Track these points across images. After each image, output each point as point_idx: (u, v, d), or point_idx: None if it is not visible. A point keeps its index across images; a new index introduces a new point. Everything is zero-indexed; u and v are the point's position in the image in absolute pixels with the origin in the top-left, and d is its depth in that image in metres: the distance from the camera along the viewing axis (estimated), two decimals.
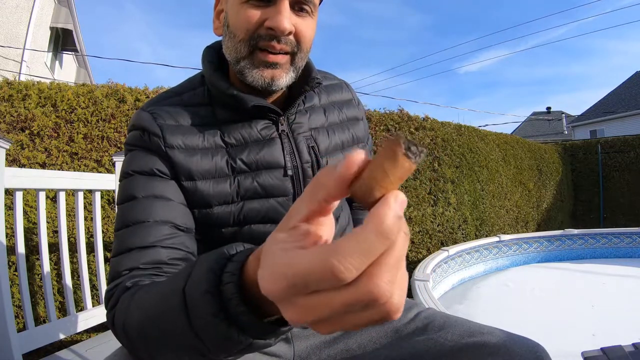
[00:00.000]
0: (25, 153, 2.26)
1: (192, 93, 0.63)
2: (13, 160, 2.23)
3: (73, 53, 12.30)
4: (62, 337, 1.45)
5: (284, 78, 0.58)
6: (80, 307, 1.66)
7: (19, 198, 1.34)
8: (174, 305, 0.35)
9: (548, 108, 25.41)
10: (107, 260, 1.75)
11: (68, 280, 1.52)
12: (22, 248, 1.34)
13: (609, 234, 4.64)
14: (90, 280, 1.76)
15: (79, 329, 1.52)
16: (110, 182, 1.72)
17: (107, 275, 1.64)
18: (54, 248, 1.94)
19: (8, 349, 1.19)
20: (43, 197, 1.44)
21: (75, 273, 1.74)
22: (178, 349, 0.37)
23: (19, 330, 1.29)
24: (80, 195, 1.61)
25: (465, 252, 3.76)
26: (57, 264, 1.96)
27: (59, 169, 2.30)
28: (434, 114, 9.18)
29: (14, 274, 1.86)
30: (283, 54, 0.57)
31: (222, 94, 0.60)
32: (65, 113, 2.40)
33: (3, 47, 7.98)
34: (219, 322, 0.31)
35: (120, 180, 0.59)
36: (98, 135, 2.44)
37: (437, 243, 3.86)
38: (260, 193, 0.60)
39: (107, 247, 1.86)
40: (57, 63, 11.64)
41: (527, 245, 4.44)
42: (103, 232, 1.87)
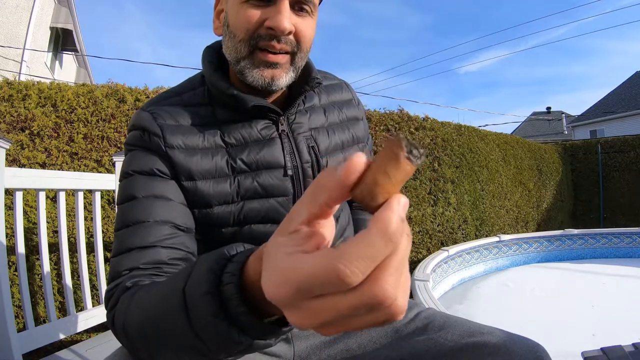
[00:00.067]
0: (25, 153, 2.26)
1: (192, 93, 0.63)
2: (13, 160, 2.23)
3: (73, 53, 12.30)
4: (62, 337, 1.45)
5: (284, 78, 0.58)
6: (80, 307, 1.66)
7: (19, 198, 1.34)
8: (174, 306, 0.35)
9: (548, 108, 25.41)
10: (107, 260, 1.75)
11: (68, 280, 1.52)
12: (22, 248, 1.34)
13: (609, 234, 4.65)
14: (90, 280, 1.76)
15: (79, 329, 1.52)
16: (110, 182, 1.72)
17: (107, 275, 1.64)
18: (54, 248, 1.94)
19: (8, 349, 1.19)
20: (43, 197, 1.44)
21: (75, 273, 1.74)
22: (178, 349, 0.37)
23: (19, 330, 1.29)
24: (80, 195, 1.61)
25: (465, 252, 3.76)
26: (57, 264, 1.96)
27: (59, 169, 2.30)
28: (434, 114, 9.18)
29: (14, 274, 1.86)
30: (283, 54, 0.57)
31: (222, 94, 0.60)
32: (65, 113, 2.40)
33: (3, 47, 7.98)
34: (219, 322, 0.31)
35: (120, 180, 0.59)
36: (98, 135, 2.44)
37: (437, 243, 3.86)
38: (261, 193, 0.60)
39: (107, 247, 1.86)
40: (57, 63, 11.64)
41: (527, 245, 4.44)
42: (103, 232, 1.87)
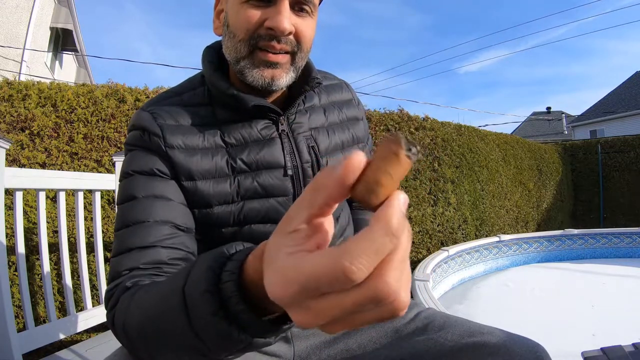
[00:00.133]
0: (25, 153, 2.26)
1: (192, 93, 0.63)
2: (13, 160, 2.23)
3: (73, 53, 12.30)
4: (62, 337, 1.45)
5: (284, 78, 0.58)
6: (80, 307, 1.66)
7: (19, 198, 1.34)
8: (174, 305, 0.35)
9: (548, 108, 25.41)
10: (107, 260, 1.75)
11: (68, 280, 1.52)
12: (22, 248, 1.34)
13: (609, 234, 4.65)
14: (90, 280, 1.76)
15: (79, 329, 1.52)
16: (110, 182, 1.72)
17: (107, 275, 1.64)
18: (54, 248, 1.94)
19: (8, 349, 1.19)
20: (43, 197, 1.44)
21: (75, 273, 1.74)
22: (178, 349, 0.37)
23: (19, 330, 1.29)
24: (80, 195, 1.61)
25: (465, 252, 3.76)
26: (57, 264, 1.96)
27: (59, 169, 2.30)
28: (434, 114, 9.19)
29: (14, 274, 1.86)
30: (283, 54, 0.57)
31: (222, 94, 0.60)
32: (65, 113, 2.40)
33: (3, 47, 7.98)
34: (219, 320, 0.31)
35: (120, 180, 0.59)
36: (98, 135, 2.44)
37: (437, 243, 3.86)
38: (261, 193, 0.60)
39: (107, 247, 1.86)
40: (57, 63, 11.64)
41: (527, 245, 4.45)
42: (103, 232, 1.87)
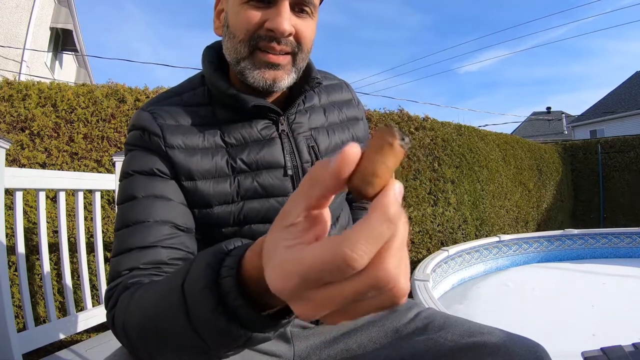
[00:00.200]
0: (25, 153, 2.26)
1: (192, 93, 0.63)
2: (13, 160, 2.23)
3: (73, 53, 12.30)
4: (62, 337, 1.45)
5: (286, 79, 0.58)
6: (80, 307, 1.66)
7: (19, 198, 1.34)
8: (173, 303, 0.35)
9: (548, 108, 25.41)
10: (107, 260, 1.75)
11: (68, 280, 1.53)
12: (22, 248, 1.34)
13: (609, 234, 4.65)
14: (90, 280, 1.76)
15: (79, 329, 1.52)
16: (110, 182, 1.72)
17: (107, 275, 1.64)
18: (54, 248, 1.94)
19: (8, 349, 1.19)
20: (43, 197, 1.44)
21: (75, 273, 1.74)
22: (178, 349, 0.37)
23: (19, 330, 1.29)
24: (80, 195, 1.61)
25: (465, 252, 3.76)
26: (57, 264, 1.96)
27: (59, 169, 2.30)
28: (434, 114, 9.19)
29: (14, 274, 1.86)
30: (284, 55, 0.57)
31: (222, 94, 0.60)
32: (65, 113, 2.40)
33: (3, 47, 7.98)
34: (218, 316, 0.31)
35: (121, 180, 0.59)
36: (98, 135, 2.44)
37: (437, 243, 3.86)
38: (261, 193, 0.60)
39: (107, 247, 1.86)
40: (57, 63, 11.64)
41: (527, 245, 4.44)
42: (103, 232, 1.87)
